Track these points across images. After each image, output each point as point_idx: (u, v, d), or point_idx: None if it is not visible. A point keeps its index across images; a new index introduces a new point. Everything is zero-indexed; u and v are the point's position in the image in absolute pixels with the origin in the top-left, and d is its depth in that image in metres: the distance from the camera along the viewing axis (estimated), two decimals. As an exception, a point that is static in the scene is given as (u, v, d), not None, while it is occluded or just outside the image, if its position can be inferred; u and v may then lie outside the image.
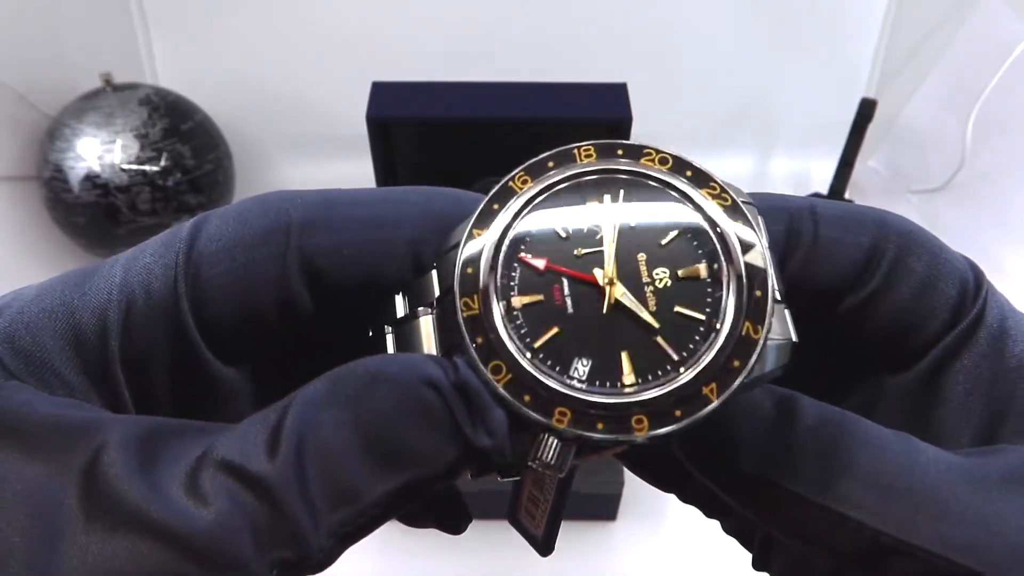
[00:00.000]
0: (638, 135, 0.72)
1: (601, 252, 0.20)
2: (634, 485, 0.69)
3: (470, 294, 0.20)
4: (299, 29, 0.96)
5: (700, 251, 0.20)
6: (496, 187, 0.22)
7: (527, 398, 0.19)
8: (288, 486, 0.17)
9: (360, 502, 0.18)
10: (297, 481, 0.18)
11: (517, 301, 0.20)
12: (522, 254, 0.21)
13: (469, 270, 0.20)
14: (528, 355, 0.20)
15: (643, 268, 0.20)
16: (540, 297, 0.20)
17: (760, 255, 0.20)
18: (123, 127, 0.79)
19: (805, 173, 1.07)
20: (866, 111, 0.87)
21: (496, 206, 0.21)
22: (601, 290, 0.20)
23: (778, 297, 0.20)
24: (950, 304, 0.22)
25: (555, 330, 0.20)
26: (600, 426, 0.19)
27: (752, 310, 0.19)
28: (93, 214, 0.79)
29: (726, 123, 1.06)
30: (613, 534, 0.73)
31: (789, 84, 1.02)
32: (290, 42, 0.97)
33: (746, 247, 0.20)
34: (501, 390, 0.19)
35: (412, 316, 0.22)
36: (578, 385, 0.19)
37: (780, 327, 0.20)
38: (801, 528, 0.20)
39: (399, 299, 0.22)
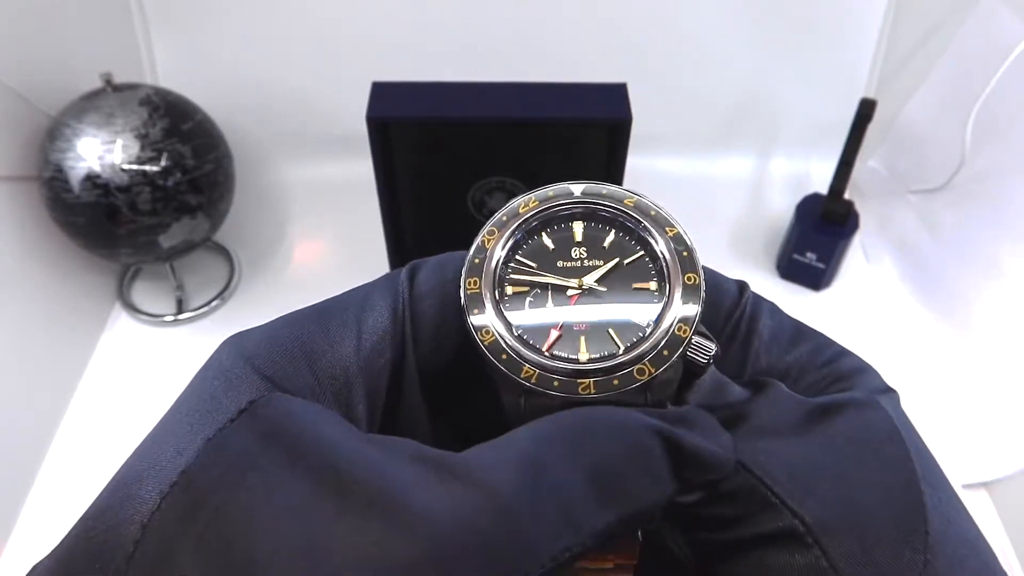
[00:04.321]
0: (638, 135, 0.72)
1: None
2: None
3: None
4: (299, 29, 0.96)
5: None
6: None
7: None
8: (525, 509, 0.20)
9: (582, 531, 0.20)
10: (533, 506, 0.20)
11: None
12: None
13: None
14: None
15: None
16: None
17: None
18: (123, 127, 0.79)
19: (805, 173, 1.07)
20: (866, 111, 0.87)
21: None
22: (573, 291, 0.26)
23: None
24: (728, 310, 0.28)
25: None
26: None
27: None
28: (93, 214, 0.79)
29: (726, 123, 1.06)
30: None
31: (789, 84, 1.02)
32: (290, 42, 0.97)
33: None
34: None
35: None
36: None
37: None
38: None
39: None
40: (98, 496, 0.22)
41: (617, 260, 0.26)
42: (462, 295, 0.25)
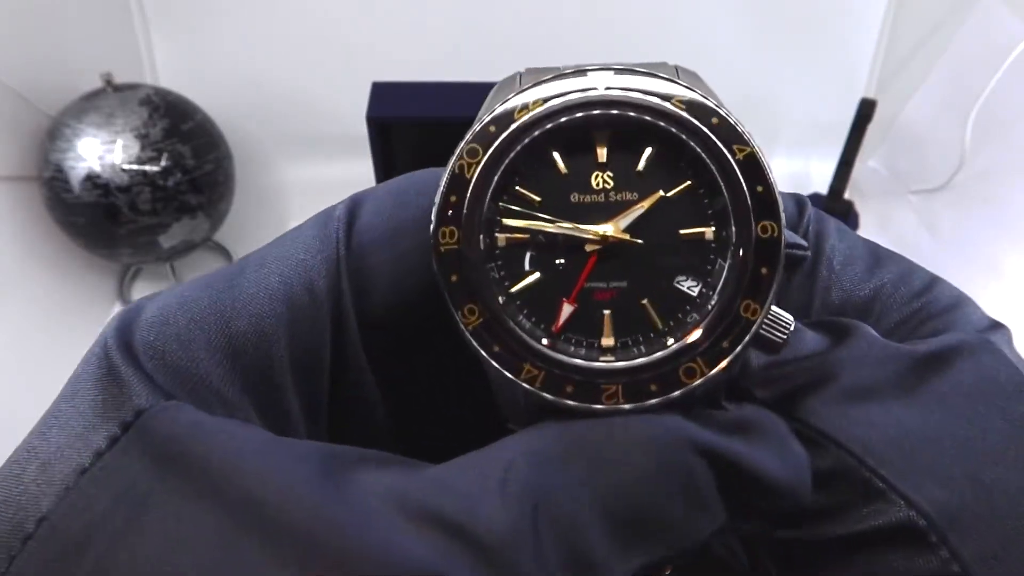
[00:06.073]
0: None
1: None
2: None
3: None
4: (299, 29, 0.96)
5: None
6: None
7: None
8: (521, 556, 0.15)
9: None
10: (532, 547, 0.15)
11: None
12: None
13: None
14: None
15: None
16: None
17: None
18: (123, 127, 0.79)
19: (805, 173, 1.07)
20: (866, 111, 0.87)
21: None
22: (593, 245, 0.17)
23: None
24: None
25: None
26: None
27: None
28: (93, 214, 0.79)
29: (726, 123, 1.05)
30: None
31: (789, 84, 1.02)
32: (290, 42, 0.97)
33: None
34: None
35: None
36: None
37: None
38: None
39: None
40: None
41: (659, 194, 0.17)
42: (433, 255, 0.17)
